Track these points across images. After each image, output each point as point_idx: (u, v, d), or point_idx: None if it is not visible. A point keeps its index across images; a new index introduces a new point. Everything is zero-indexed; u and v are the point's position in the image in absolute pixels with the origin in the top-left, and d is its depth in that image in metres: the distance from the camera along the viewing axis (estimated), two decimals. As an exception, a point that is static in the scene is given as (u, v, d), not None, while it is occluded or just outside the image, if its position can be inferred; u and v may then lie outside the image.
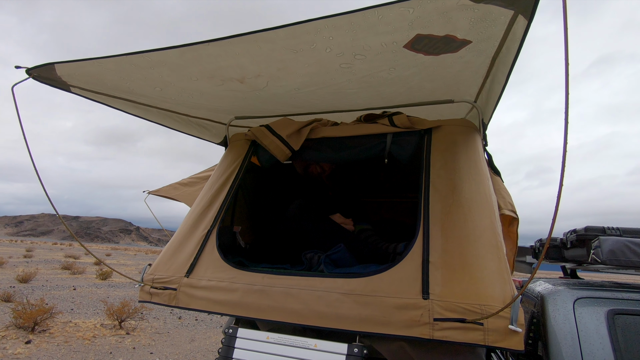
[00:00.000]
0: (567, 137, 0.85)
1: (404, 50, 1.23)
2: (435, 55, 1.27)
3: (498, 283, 1.30)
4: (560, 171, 0.88)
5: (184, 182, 3.67)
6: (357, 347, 1.36)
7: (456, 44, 1.18)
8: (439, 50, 1.22)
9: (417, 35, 1.12)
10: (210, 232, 1.85)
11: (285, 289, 1.50)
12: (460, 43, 1.18)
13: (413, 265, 1.40)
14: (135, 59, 1.32)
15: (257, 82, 1.54)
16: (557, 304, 1.92)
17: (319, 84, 1.57)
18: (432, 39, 1.15)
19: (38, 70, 1.42)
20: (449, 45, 1.19)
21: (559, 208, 0.89)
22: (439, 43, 1.17)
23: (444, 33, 1.12)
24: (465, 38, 1.15)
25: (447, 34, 1.12)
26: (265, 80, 1.53)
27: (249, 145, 2.12)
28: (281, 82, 1.55)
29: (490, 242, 1.41)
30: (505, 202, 1.96)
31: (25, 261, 20.72)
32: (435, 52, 1.24)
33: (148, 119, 2.12)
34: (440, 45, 1.18)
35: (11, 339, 5.77)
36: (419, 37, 1.13)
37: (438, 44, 1.18)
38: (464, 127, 1.77)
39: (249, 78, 1.50)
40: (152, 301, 1.75)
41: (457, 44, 1.18)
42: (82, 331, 6.59)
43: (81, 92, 1.69)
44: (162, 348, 6.12)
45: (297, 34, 1.15)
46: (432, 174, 1.63)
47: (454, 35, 1.13)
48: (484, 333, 1.21)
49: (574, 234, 2.54)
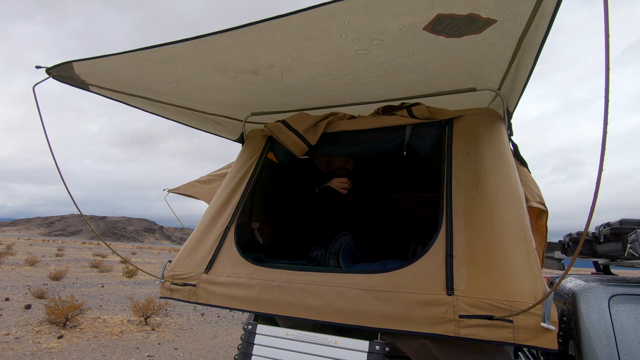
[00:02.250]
0: (607, 126, 0.77)
1: (424, 32, 1.16)
2: (457, 38, 1.20)
3: (528, 278, 1.23)
4: (599, 164, 0.81)
5: (202, 180, 3.71)
6: (378, 345, 1.32)
7: (480, 23, 1.11)
8: (461, 31, 1.15)
9: (438, 15, 1.06)
10: (229, 229, 1.85)
11: (303, 285, 1.48)
12: (484, 22, 1.11)
13: (436, 260, 1.35)
14: (149, 53, 1.32)
15: (271, 73, 1.51)
16: (591, 301, 1.82)
17: (334, 73, 1.53)
18: (453, 19, 1.08)
19: (57, 70, 1.44)
20: (472, 26, 1.12)
21: (597, 200, 0.83)
22: (461, 23, 1.11)
23: (467, 12, 1.05)
24: (489, 17, 1.08)
25: (470, 13, 1.05)
26: (280, 71, 1.50)
27: (266, 142, 2.10)
28: (296, 73, 1.51)
29: (519, 235, 1.34)
30: (533, 194, 1.87)
31: (56, 260, 21.66)
32: (457, 34, 1.17)
33: (166, 116, 2.14)
34: (462, 25, 1.12)
35: (45, 334, 6.03)
36: (439, 17, 1.07)
37: (460, 24, 1.11)
38: (487, 117, 1.69)
39: (263, 69, 1.47)
40: (172, 297, 1.77)
41: (480, 24, 1.11)
42: (110, 327, 6.81)
43: (99, 90, 1.71)
44: (186, 344, 6.25)
45: (311, 20, 1.11)
46: (455, 166, 1.57)
47: (478, 14, 1.06)
48: (513, 331, 1.15)
49: (608, 227, 2.41)
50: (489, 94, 1.82)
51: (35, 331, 6.12)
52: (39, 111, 1.41)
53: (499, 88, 1.70)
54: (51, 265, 17.00)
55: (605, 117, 0.72)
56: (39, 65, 1.38)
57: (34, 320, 6.75)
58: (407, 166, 3.14)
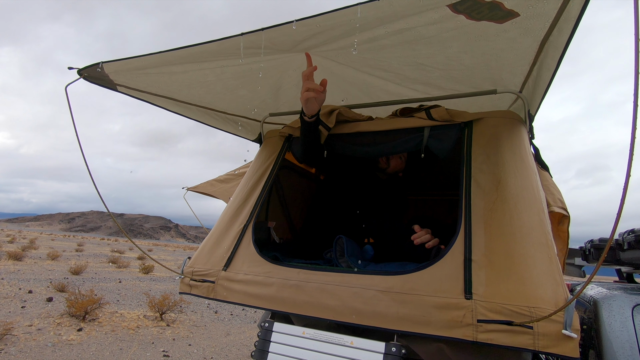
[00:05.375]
0: (635, 131, 0.76)
1: (446, 8, 1.15)
2: (477, 21, 1.18)
3: (549, 284, 1.21)
4: (627, 169, 0.79)
5: (220, 179, 3.77)
6: (395, 346, 1.32)
7: (502, 12, 1.09)
8: (482, 15, 1.14)
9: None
10: (247, 227, 1.88)
11: (320, 285, 1.49)
12: (507, 13, 1.09)
13: (454, 263, 1.34)
14: (176, 54, 1.36)
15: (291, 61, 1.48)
16: (613, 310, 1.77)
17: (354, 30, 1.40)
18: (476, 2, 1.07)
19: (88, 71, 1.50)
20: (494, 13, 1.11)
21: (624, 205, 0.81)
22: (484, 8, 1.09)
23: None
24: (512, 9, 1.06)
25: (494, 0, 1.04)
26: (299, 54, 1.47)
27: (284, 142, 2.13)
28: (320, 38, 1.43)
29: (540, 240, 1.32)
30: (554, 199, 1.84)
31: (76, 255, 22.30)
32: (477, 17, 1.16)
33: (188, 116, 2.19)
34: (484, 10, 1.10)
35: (65, 326, 6.23)
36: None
37: (482, 8, 1.09)
38: (508, 119, 1.67)
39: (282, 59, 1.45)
40: (191, 293, 1.81)
41: (503, 13, 1.10)
42: (127, 321, 6.98)
43: (126, 90, 1.77)
44: (200, 340, 6.35)
45: (334, 18, 1.12)
46: (474, 169, 1.55)
47: (502, 2, 1.04)
48: (533, 337, 1.13)
49: (633, 234, 2.34)
50: (510, 97, 1.80)
51: (56, 323, 6.33)
52: (70, 111, 1.47)
53: (520, 91, 1.67)
54: (71, 260, 17.52)
55: (633, 121, 0.71)
56: (71, 67, 1.44)
57: (55, 313, 6.98)
58: (425, 168, 3.12)
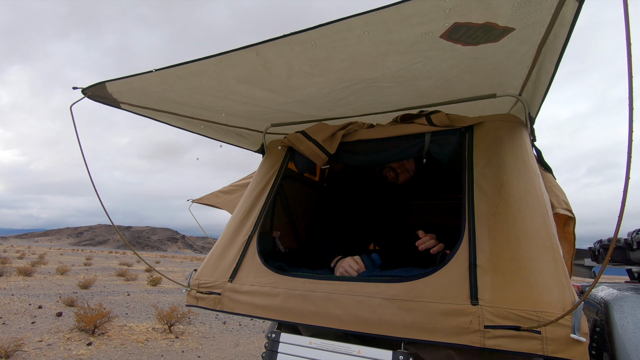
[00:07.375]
0: (632, 124, 0.76)
1: (441, 40, 1.17)
2: (474, 46, 1.20)
3: (556, 288, 1.20)
4: (626, 168, 0.80)
5: (224, 190, 3.79)
6: (402, 355, 1.31)
7: (497, 32, 1.11)
8: (478, 39, 1.15)
9: (455, 24, 1.07)
10: (251, 238, 1.89)
11: (326, 294, 1.49)
12: (502, 31, 1.10)
13: (459, 269, 1.34)
14: (176, 71, 1.39)
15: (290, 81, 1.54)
16: (625, 311, 1.74)
17: (352, 79, 1.54)
18: (470, 28, 1.08)
19: (92, 90, 1.53)
20: (489, 34, 1.12)
21: (625, 205, 0.81)
22: (478, 32, 1.11)
23: (484, 20, 1.05)
24: (507, 25, 1.08)
25: (487, 22, 1.05)
26: (299, 80, 1.53)
27: (286, 152, 2.15)
28: (314, 79, 1.53)
29: (545, 243, 1.31)
30: (559, 201, 1.82)
31: (85, 269, 22.44)
32: (474, 42, 1.17)
33: (191, 130, 2.22)
34: (479, 34, 1.12)
35: (75, 341, 6.24)
36: (456, 25, 1.07)
37: (477, 32, 1.11)
38: (508, 122, 1.67)
39: (282, 78, 1.50)
40: (198, 305, 1.81)
41: (498, 32, 1.11)
42: (136, 334, 6.98)
43: (130, 107, 1.80)
44: (209, 352, 6.32)
45: (329, 34, 1.15)
46: (476, 173, 1.55)
47: (495, 22, 1.06)
48: (542, 342, 1.12)
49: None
50: (510, 100, 1.80)
51: (66, 338, 6.35)
52: (75, 130, 1.50)
53: (519, 94, 1.68)
54: (80, 274, 17.62)
55: (630, 122, 0.72)
56: (75, 87, 1.48)
57: (65, 328, 7.01)
58: (427, 173, 3.11)
